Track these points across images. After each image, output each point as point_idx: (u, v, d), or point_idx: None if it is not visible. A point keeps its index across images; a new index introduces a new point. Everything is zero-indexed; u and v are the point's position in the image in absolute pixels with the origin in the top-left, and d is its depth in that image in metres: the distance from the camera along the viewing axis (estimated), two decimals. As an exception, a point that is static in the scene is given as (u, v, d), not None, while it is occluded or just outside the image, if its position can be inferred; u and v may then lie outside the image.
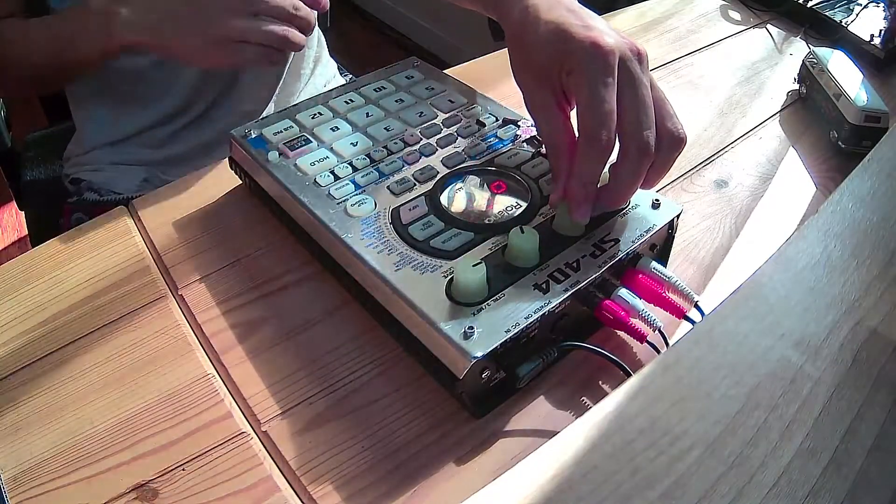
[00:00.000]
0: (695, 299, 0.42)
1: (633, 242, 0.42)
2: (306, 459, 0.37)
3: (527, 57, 0.44)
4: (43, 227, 0.86)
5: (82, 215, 0.69)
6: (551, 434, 0.32)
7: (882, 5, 0.77)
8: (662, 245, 0.46)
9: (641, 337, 0.40)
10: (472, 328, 0.36)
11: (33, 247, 0.50)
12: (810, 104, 0.66)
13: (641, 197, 0.45)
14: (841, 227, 0.41)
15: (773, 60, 0.73)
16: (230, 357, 0.42)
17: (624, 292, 0.41)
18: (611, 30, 0.42)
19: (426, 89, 0.55)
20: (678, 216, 0.45)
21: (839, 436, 0.31)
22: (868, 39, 0.72)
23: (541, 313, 0.38)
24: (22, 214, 0.92)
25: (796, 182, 0.58)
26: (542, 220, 0.43)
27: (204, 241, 0.49)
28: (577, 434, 0.31)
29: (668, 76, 0.70)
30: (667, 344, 0.41)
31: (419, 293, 0.39)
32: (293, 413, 0.39)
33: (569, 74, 0.41)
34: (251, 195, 0.52)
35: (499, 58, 0.69)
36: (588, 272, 0.40)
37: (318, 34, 0.83)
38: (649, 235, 0.43)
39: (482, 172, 0.47)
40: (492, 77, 0.63)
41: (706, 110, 0.65)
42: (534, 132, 0.51)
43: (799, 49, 0.75)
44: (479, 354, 0.36)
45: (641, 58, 0.42)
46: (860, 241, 0.40)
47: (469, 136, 0.50)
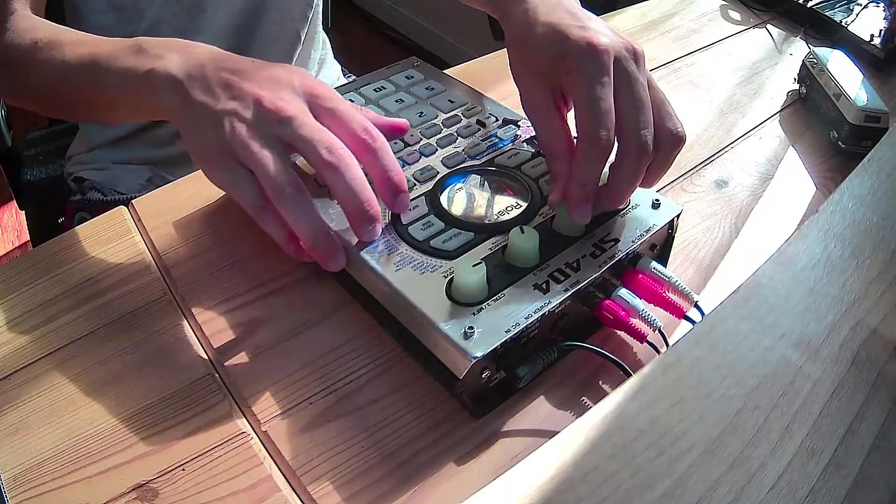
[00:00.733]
0: (695, 299, 0.42)
1: (633, 242, 0.42)
2: (306, 459, 0.37)
3: (525, 58, 0.45)
4: (43, 227, 0.86)
5: (86, 214, 0.69)
6: (551, 434, 0.32)
7: (882, 5, 0.77)
8: (662, 245, 0.46)
9: (641, 337, 0.40)
10: (472, 328, 0.36)
11: (33, 247, 0.50)
12: (810, 104, 0.66)
13: (641, 197, 0.45)
14: (841, 227, 0.41)
15: (773, 60, 0.73)
16: (230, 357, 0.42)
17: (624, 292, 0.41)
18: (608, 30, 0.42)
19: (426, 89, 0.55)
20: (678, 216, 0.45)
21: (839, 436, 0.31)
22: (868, 39, 0.72)
23: (541, 313, 0.38)
24: (22, 214, 0.92)
25: (796, 182, 0.58)
26: (542, 220, 0.43)
27: (204, 241, 0.49)
28: (577, 434, 0.31)
29: (669, 76, 0.70)
30: (667, 344, 0.41)
31: (419, 293, 0.39)
32: (293, 413, 0.39)
33: (566, 75, 0.41)
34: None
35: (499, 58, 0.69)
36: (588, 272, 0.40)
37: (323, 36, 0.83)
38: (649, 235, 0.43)
39: (482, 172, 0.47)
40: (492, 77, 0.63)
41: (706, 110, 0.65)
42: (533, 132, 0.51)
43: (799, 49, 0.75)
44: (479, 354, 0.36)
45: (638, 57, 0.42)
46: (860, 241, 0.40)
47: (469, 136, 0.50)
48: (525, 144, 0.50)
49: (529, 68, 0.44)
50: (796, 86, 0.68)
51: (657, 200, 0.45)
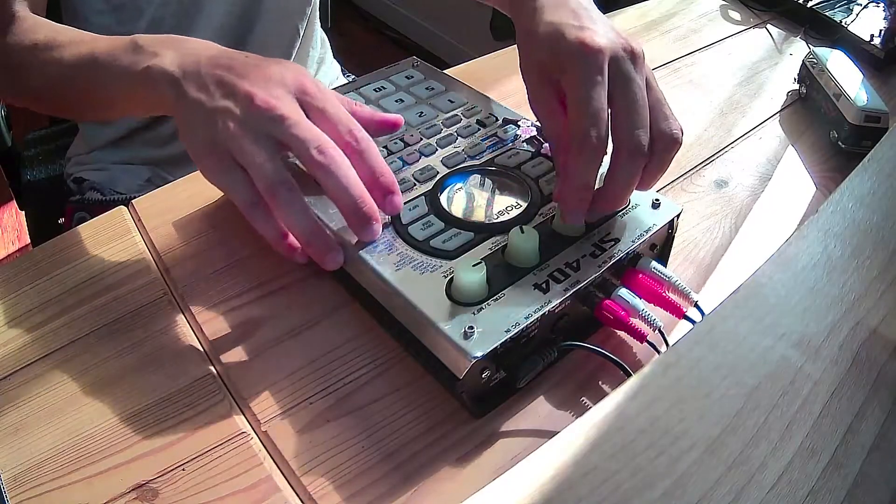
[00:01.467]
0: (694, 299, 0.42)
1: (633, 242, 0.42)
2: (306, 459, 0.37)
3: (530, 56, 0.45)
4: (43, 228, 0.86)
5: (85, 215, 0.69)
6: (551, 434, 0.32)
7: (882, 5, 0.77)
8: (662, 245, 0.46)
9: (641, 337, 0.40)
10: (472, 328, 0.36)
11: (33, 247, 0.50)
12: (810, 104, 0.66)
13: (641, 197, 0.45)
14: (841, 227, 0.41)
15: (773, 60, 0.73)
16: (230, 357, 0.42)
17: (624, 292, 0.41)
18: (608, 30, 0.42)
19: (426, 89, 0.55)
20: (678, 216, 0.45)
21: (839, 436, 0.31)
22: (868, 39, 0.72)
23: (541, 313, 0.38)
24: (22, 214, 0.92)
25: (796, 182, 0.58)
26: (542, 220, 0.43)
27: (204, 241, 0.49)
28: (577, 434, 0.31)
29: (669, 76, 0.70)
30: (667, 344, 0.41)
31: (419, 293, 0.39)
32: (293, 413, 0.39)
33: (562, 74, 0.41)
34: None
35: (499, 58, 0.70)
36: (588, 272, 0.40)
37: (322, 35, 0.83)
38: (649, 235, 0.43)
39: (482, 172, 0.47)
40: (492, 77, 0.63)
41: (706, 110, 0.65)
42: (534, 132, 0.51)
43: (799, 49, 0.75)
44: (479, 354, 0.36)
45: (636, 57, 0.42)
46: (860, 241, 0.40)
47: (469, 136, 0.50)
48: (525, 144, 0.50)
49: (533, 66, 0.44)
50: (796, 86, 0.68)
51: (657, 200, 0.45)
